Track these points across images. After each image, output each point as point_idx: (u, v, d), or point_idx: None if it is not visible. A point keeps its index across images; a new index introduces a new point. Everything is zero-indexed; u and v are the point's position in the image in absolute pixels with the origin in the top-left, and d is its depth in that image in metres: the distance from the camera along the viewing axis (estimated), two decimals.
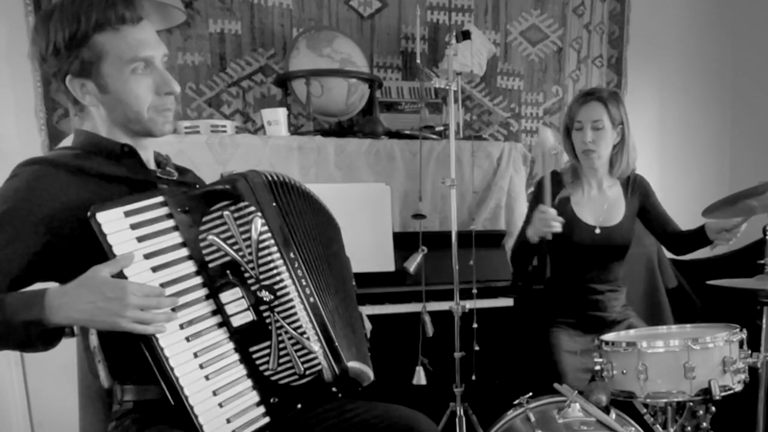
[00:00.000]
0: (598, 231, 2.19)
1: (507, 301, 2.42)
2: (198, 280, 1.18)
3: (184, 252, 1.17)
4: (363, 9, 2.89)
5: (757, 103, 3.33)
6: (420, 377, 2.04)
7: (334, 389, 1.25)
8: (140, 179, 1.26)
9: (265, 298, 1.19)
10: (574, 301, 2.21)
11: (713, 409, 1.88)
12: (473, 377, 2.07)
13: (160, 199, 1.17)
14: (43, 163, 1.20)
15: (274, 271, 1.20)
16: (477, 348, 2.03)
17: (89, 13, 1.16)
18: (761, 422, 2.03)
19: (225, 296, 1.18)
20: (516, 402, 1.80)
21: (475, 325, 2.04)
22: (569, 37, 3.21)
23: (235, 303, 1.18)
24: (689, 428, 1.89)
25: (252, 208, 1.19)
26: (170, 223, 1.17)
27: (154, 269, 1.13)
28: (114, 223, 1.10)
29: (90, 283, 1.07)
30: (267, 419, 1.19)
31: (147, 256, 1.12)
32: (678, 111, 3.42)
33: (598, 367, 1.81)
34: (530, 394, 1.78)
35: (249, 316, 1.19)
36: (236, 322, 1.18)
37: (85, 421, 1.30)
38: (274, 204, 1.24)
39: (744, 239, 2.88)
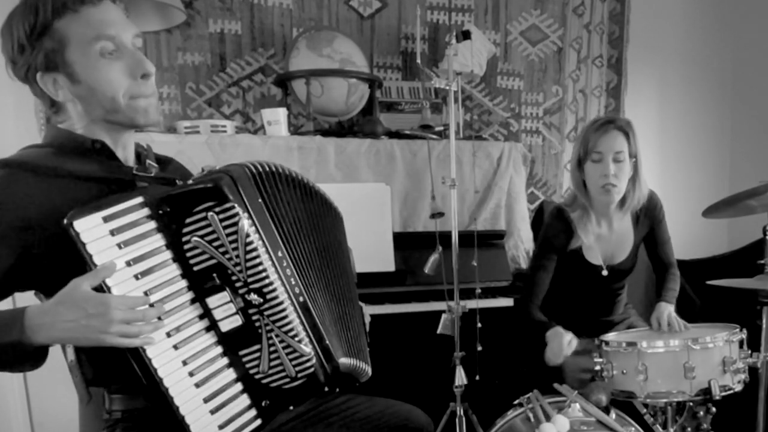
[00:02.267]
0: (605, 273, 2.09)
1: (507, 301, 2.43)
2: (183, 284, 1.13)
3: (167, 255, 1.11)
4: (363, 9, 2.89)
5: (757, 103, 3.33)
6: (461, 376, 2.04)
7: (326, 389, 1.23)
8: (116, 178, 1.17)
9: (254, 302, 1.14)
10: (576, 311, 2.18)
11: (713, 409, 1.88)
12: (477, 377, 2.07)
13: (139, 199, 1.10)
14: (10, 166, 1.11)
15: (263, 274, 1.14)
16: (480, 348, 2.03)
17: (46, 1, 1.11)
18: (761, 422, 2.03)
19: (212, 301, 1.14)
20: (516, 402, 1.80)
21: (479, 325, 2.04)
22: (569, 37, 3.21)
23: (223, 307, 1.14)
24: (689, 429, 1.89)
25: (238, 209, 1.11)
26: (151, 225, 1.10)
27: (138, 276, 1.07)
28: (93, 230, 1.03)
29: (70, 300, 1.00)
30: (259, 422, 1.18)
31: (129, 263, 1.06)
32: (678, 111, 3.42)
33: (598, 367, 1.82)
34: (530, 394, 1.78)
35: (238, 320, 1.14)
36: (225, 327, 1.14)
37: (85, 419, 1.30)
38: (259, 200, 1.17)
39: (744, 239, 2.89)
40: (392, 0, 2.92)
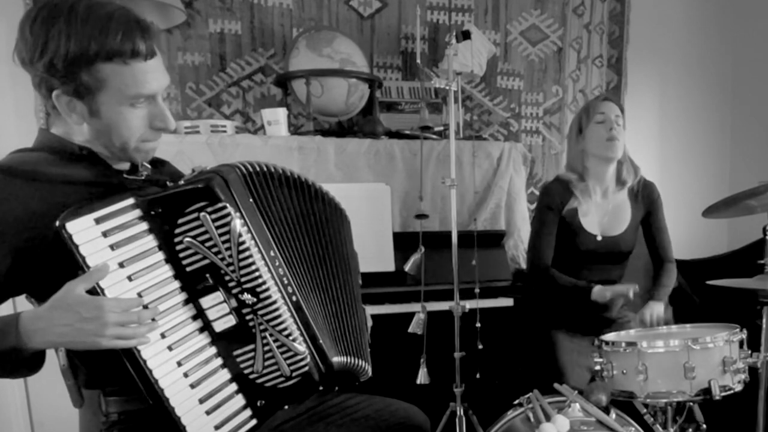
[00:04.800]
0: (599, 239, 2.20)
1: (507, 301, 2.43)
2: (176, 284, 1.12)
3: (160, 256, 1.11)
4: (363, 9, 2.89)
5: (757, 103, 3.33)
6: (424, 376, 2.03)
7: (321, 388, 1.23)
8: (105, 182, 1.16)
9: (247, 301, 1.14)
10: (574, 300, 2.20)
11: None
12: (477, 376, 2.07)
13: (130, 201, 1.09)
14: None
15: (256, 274, 1.14)
16: (480, 347, 2.03)
17: (103, 41, 1.05)
18: (761, 422, 2.03)
19: (205, 301, 1.14)
20: (516, 402, 1.80)
21: (478, 325, 2.04)
22: (569, 37, 3.20)
23: (217, 307, 1.14)
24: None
25: (230, 209, 1.11)
26: (143, 226, 1.10)
27: (131, 277, 1.07)
28: (85, 232, 1.03)
29: (65, 304, 1.00)
30: (254, 422, 1.18)
31: (122, 264, 1.06)
32: (678, 111, 3.42)
33: (598, 367, 1.81)
34: (530, 394, 1.78)
35: (231, 320, 1.15)
36: (218, 327, 1.15)
37: (85, 421, 1.30)
38: (250, 200, 1.17)
39: (744, 239, 2.89)
40: (392, 0, 2.92)
